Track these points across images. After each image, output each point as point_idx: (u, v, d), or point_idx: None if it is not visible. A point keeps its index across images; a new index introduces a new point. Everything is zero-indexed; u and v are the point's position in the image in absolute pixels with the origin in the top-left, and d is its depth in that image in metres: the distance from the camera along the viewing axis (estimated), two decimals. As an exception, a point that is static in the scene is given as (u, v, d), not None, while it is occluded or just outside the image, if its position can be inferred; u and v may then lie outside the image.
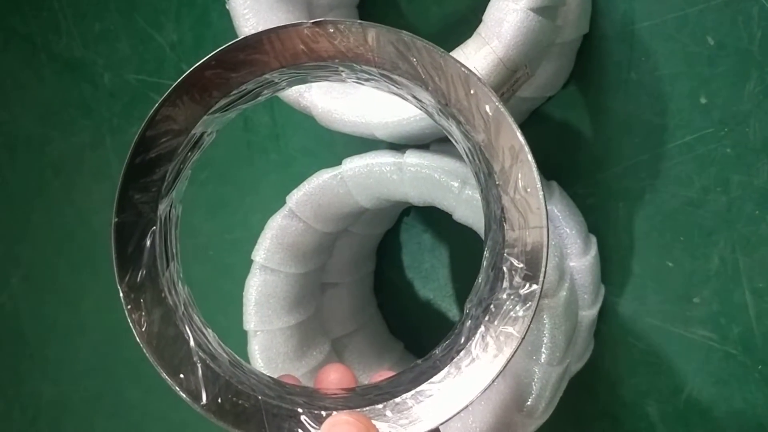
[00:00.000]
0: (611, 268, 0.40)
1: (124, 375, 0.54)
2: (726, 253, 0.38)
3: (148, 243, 0.27)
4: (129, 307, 0.28)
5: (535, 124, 0.40)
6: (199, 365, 0.28)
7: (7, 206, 0.56)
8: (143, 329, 0.28)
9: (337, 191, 0.34)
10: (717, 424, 0.39)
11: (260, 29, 0.33)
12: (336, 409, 0.27)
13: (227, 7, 0.36)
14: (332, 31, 0.25)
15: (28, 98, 0.54)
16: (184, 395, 0.27)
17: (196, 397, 0.27)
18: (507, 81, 0.32)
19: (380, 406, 0.26)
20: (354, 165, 0.33)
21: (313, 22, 0.25)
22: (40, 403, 0.58)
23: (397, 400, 0.26)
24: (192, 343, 0.28)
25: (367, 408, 0.27)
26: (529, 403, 0.31)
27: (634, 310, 0.40)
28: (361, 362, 0.40)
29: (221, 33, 0.47)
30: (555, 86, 0.38)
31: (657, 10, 0.38)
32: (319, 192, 0.34)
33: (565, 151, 0.40)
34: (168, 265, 0.28)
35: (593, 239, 0.38)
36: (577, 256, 0.36)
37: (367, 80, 0.27)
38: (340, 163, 0.35)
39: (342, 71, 0.26)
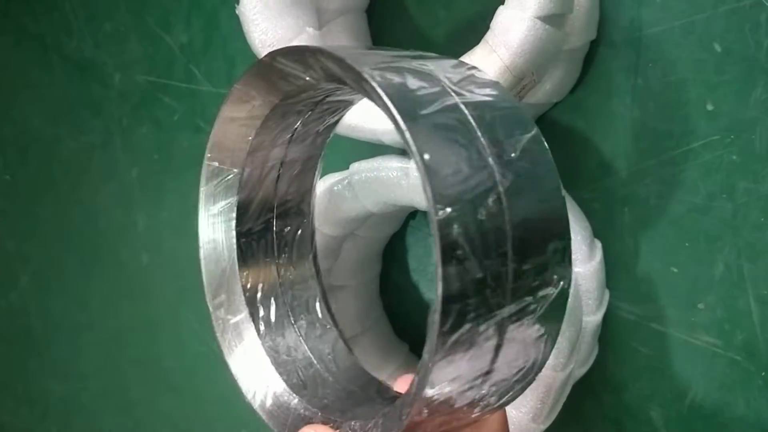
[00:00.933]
0: (616, 274, 0.40)
1: (130, 373, 0.55)
2: (731, 260, 0.38)
3: None
4: None
5: (543, 130, 0.40)
6: None
7: (17, 204, 0.57)
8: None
9: (344, 195, 0.35)
10: (720, 430, 0.39)
11: (269, 35, 0.34)
12: None
13: (237, 12, 0.36)
14: (279, 67, 0.25)
15: (39, 98, 0.54)
16: None
17: None
18: (514, 88, 0.32)
19: None
20: (361, 169, 0.34)
21: (266, 56, 0.25)
22: (49, 400, 0.58)
23: None
24: None
25: None
26: (533, 407, 0.31)
27: (638, 315, 0.40)
28: (366, 364, 0.40)
29: (230, 35, 0.47)
30: (562, 92, 0.38)
31: (664, 16, 0.38)
32: (327, 196, 0.35)
33: (572, 157, 0.41)
34: None
35: (598, 244, 0.39)
36: (581, 262, 0.36)
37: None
38: (347, 168, 0.35)
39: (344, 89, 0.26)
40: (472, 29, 0.41)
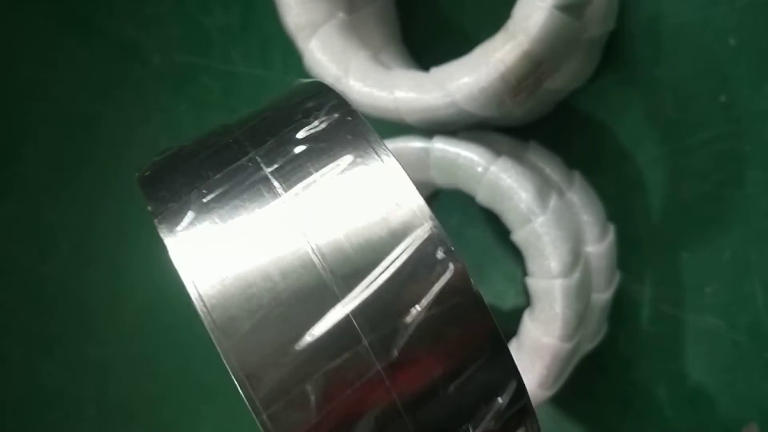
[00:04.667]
0: (629, 256, 0.42)
1: (164, 340, 0.57)
2: (738, 246, 0.40)
3: None
4: None
5: (562, 116, 0.42)
6: None
7: (60, 178, 0.59)
8: None
9: None
10: (722, 408, 0.41)
11: (302, 18, 0.36)
12: None
13: None
14: None
15: (82, 77, 0.57)
16: None
17: None
18: (532, 74, 0.34)
19: None
20: None
21: None
22: (86, 364, 0.61)
23: None
24: None
25: None
26: (539, 375, 0.33)
27: (648, 296, 0.42)
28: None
29: (266, 18, 0.49)
30: (581, 79, 0.40)
31: (682, 9, 0.39)
32: None
33: (590, 143, 0.42)
34: None
35: (611, 227, 0.40)
36: (593, 242, 0.38)
37: None
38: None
39: None
40: (497, 16, 0.43)
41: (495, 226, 0.45)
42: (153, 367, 0.58)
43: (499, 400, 0.18)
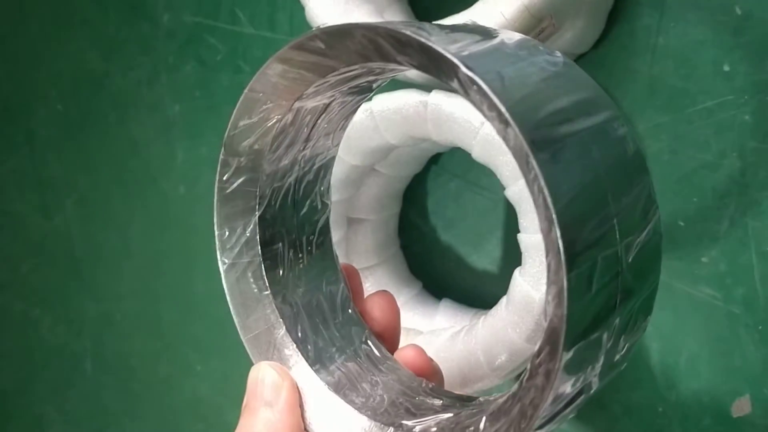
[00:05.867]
0: (626, 225, 0.42)
1: (164, 298, 0.58)
2: (736, 216, 0.39)
3: None
4: None
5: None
6: None
7: (67, 134, 0.60)
8: None
9: (367, 125, 0.37)
10: (715, 380, 0.41)
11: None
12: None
13: None
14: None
15: (93, 34, 0.57)
16: None
17: None
18: (532, 29, 0.34)
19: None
20: (383, 101, 0.36)
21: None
22: (85, 320, 0.62)
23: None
24: None
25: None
26: (527, 329, 0.33)
27: (644, 265, 0.42)
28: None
29: (276, -19, 0.50)
30: (584, 44, 0.40)
31: (689, -23, 0.39)
32: (350, 125, 0.37)
33: (591, 110, 0.42)
34: None
35: (609, 194, 0.40)
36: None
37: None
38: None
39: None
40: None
41: (496, 194, 0.45)
42: (151, 326, 0.59)
43: None
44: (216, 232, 0.30)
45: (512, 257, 0.44)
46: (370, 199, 0.42)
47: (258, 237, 0.30)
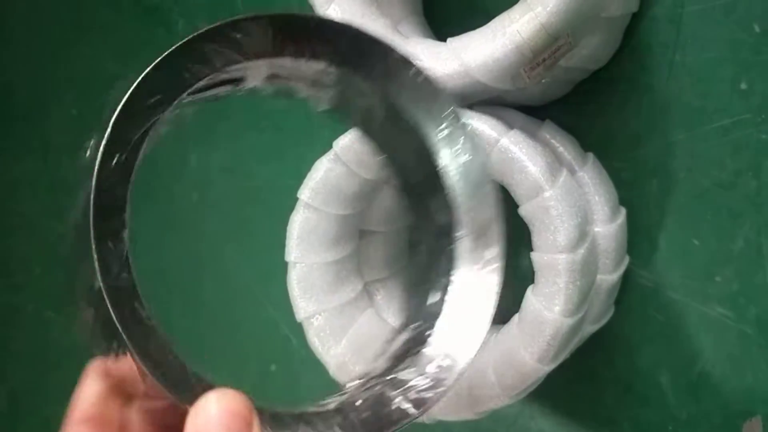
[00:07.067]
0: (639, 242, 0.41)
1: (173, 303, 0.58)
2: (751, 236, 0.39)
3: None
4: None
5: (579, 97, 0.42)
6: None
7: (80, 137, 0.60)
8: None
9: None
10: (726, 400, 0.40)
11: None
12: None
13: None
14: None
15: (109, 38, 0.58)
16: None
17: None
18: (548, 47, 0.33)
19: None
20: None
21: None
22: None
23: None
24: None
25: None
26: (539, 349, 0.33)
27: (657, 283, 0.41)
28: (390, 307, 0.42)
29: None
30: (600, 60, 0.40)
31: (708, -6, 0.39)
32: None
33: (605, 125, 0.42)
34: None
35: (622, 210, 0.40)
36: (602, 222, 0.38)
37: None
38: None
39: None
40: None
41: (506, 203, 0.44)
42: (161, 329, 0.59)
43: None
44: None
45: (525, 275, 0.44)
46: (383, 211, 0.42)
47: None
